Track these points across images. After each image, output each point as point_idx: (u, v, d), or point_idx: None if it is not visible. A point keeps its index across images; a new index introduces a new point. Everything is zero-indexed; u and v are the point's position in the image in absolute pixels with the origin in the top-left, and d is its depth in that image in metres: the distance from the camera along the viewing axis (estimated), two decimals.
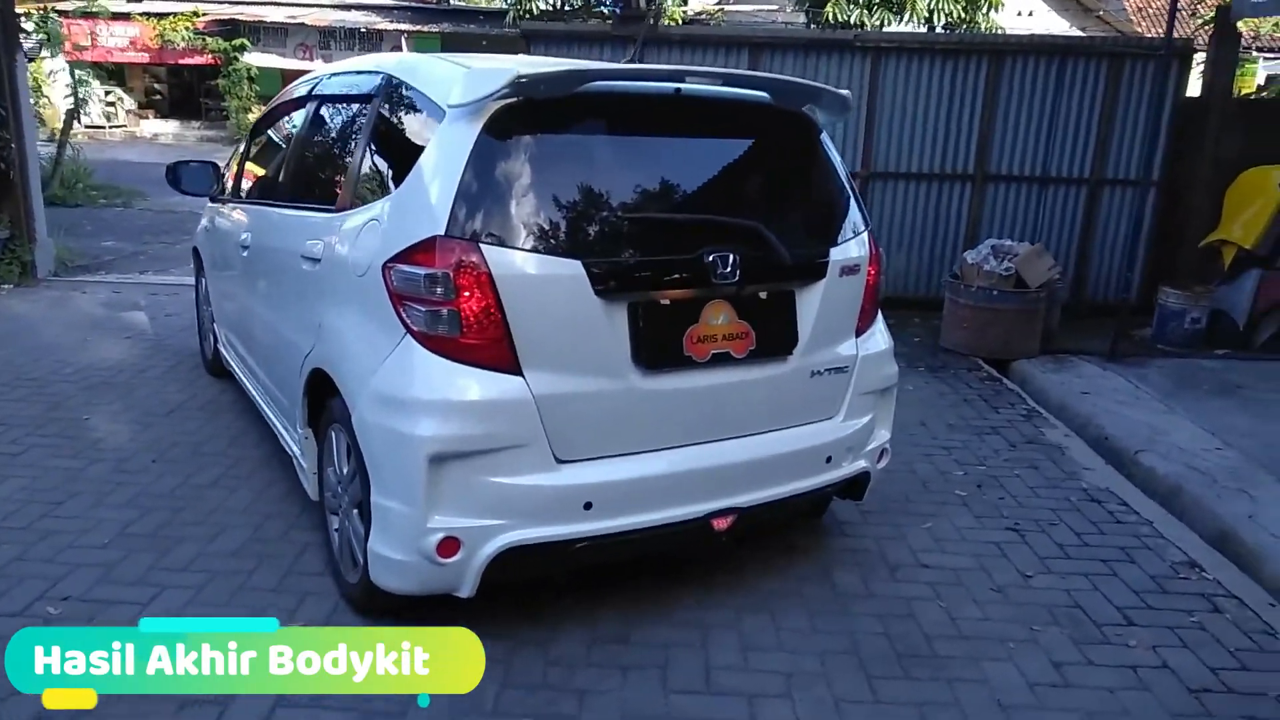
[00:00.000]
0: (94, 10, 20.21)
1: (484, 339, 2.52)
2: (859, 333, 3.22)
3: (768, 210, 3.01)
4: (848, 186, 3.25)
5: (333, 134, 3.55)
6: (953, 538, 3.75)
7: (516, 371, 2.55)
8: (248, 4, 24.90)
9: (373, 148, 3.05)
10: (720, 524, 2.89)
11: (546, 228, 2.58)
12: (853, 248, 3.14)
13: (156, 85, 27.54)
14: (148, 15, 24.17)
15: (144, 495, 3.80)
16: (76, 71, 21.18)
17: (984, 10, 18.01)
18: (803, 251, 3.01)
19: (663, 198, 2.81)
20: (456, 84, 2.62)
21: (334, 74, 3.80)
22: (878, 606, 3.21)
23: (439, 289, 2.49)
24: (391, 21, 24.43)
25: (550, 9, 19.33)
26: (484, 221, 2.53)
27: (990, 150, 7.52)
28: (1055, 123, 7.44)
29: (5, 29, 7.40)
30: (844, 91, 3.14)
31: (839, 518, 3.87)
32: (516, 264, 2.52)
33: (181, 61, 25.10)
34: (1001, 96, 7.41)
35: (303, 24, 24.10)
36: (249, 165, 4.51)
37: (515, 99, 2.61)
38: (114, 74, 26.25)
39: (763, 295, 2.91)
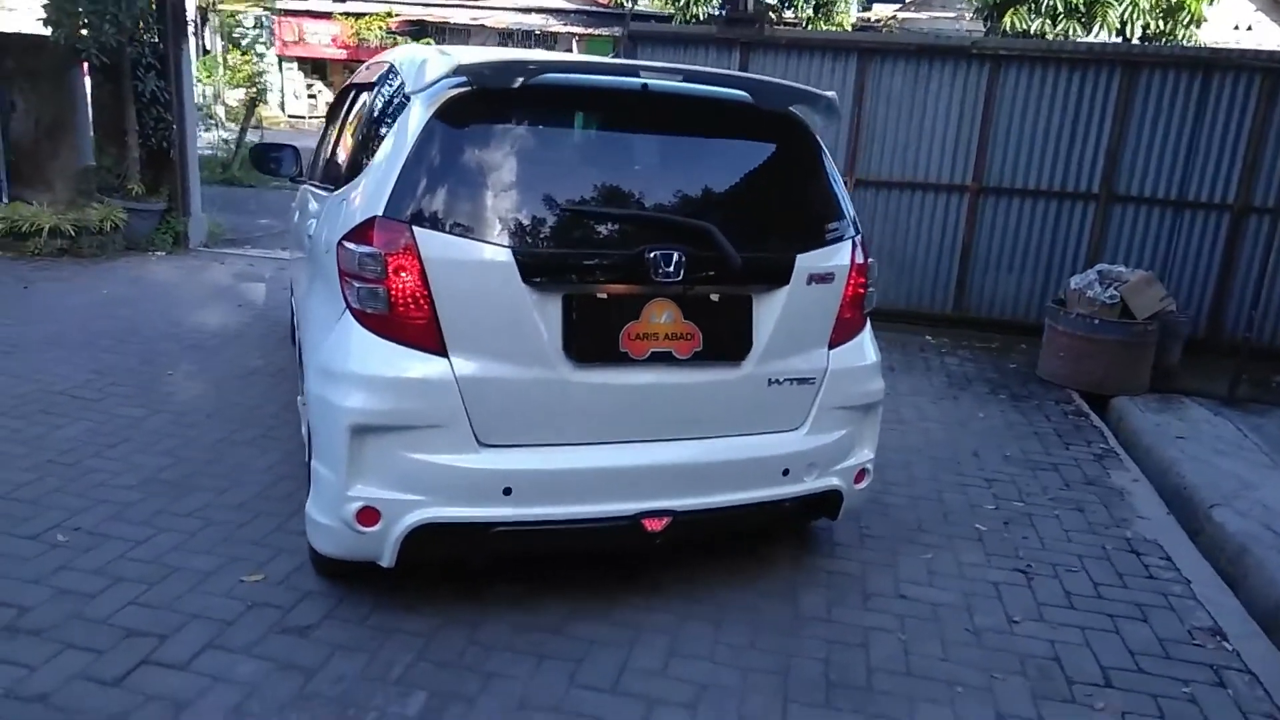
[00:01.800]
0: (273, 8, 22.07)
1: (411, 319, 2.60)
2: (834, 344, 3.08)
3: (730, 212, 2.93)
4: (835, 191, 3.11)
5: (350, 119, 3.75)
6: (950, 572, 3.51)
7: (442, 353, 2.62)
8: (435, 5, 26.36)
9: (365, 131, 3.21)
10: (653, 525, 2.85)
11: (483, 215, 2.63)
12: (827, 255, 3.01)
13: None
14: (347, 15, 26.05)
15: (186, 446, 4.14)
16: (262, 63, 23.04)
17: (1184, 22, 16.57)
18: (763, 256, 2.91)
19: (614, 193, 2.79)
20: (417, 71, 2.72)
21: (369, 63, 4.01)
22: (832, 632, 3.06)
23: (372, 268, 2.59)
24: (565, 24, 25.19)
25: (713, 13, 19.40)
26: (423, 205, 2.61)
27: (1119, 169, 6.96)
28: (1196, 142, 6.80)
29: (176, 21, 8.21)
30: (829, 93, 3.01)
31: (836, 538, 3.71)
32: (447, 248, 2.59)
33: None
34: (1135, 111, 6.84)
35: (483, 25, 25.26)
36: (318, 147, 4.82)
37: (470, 87, 2.68)
38: (318, 68, 28.51)
39: (714, 297, 2.84)
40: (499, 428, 2.70)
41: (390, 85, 3.13)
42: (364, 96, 3.68)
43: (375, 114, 3.19)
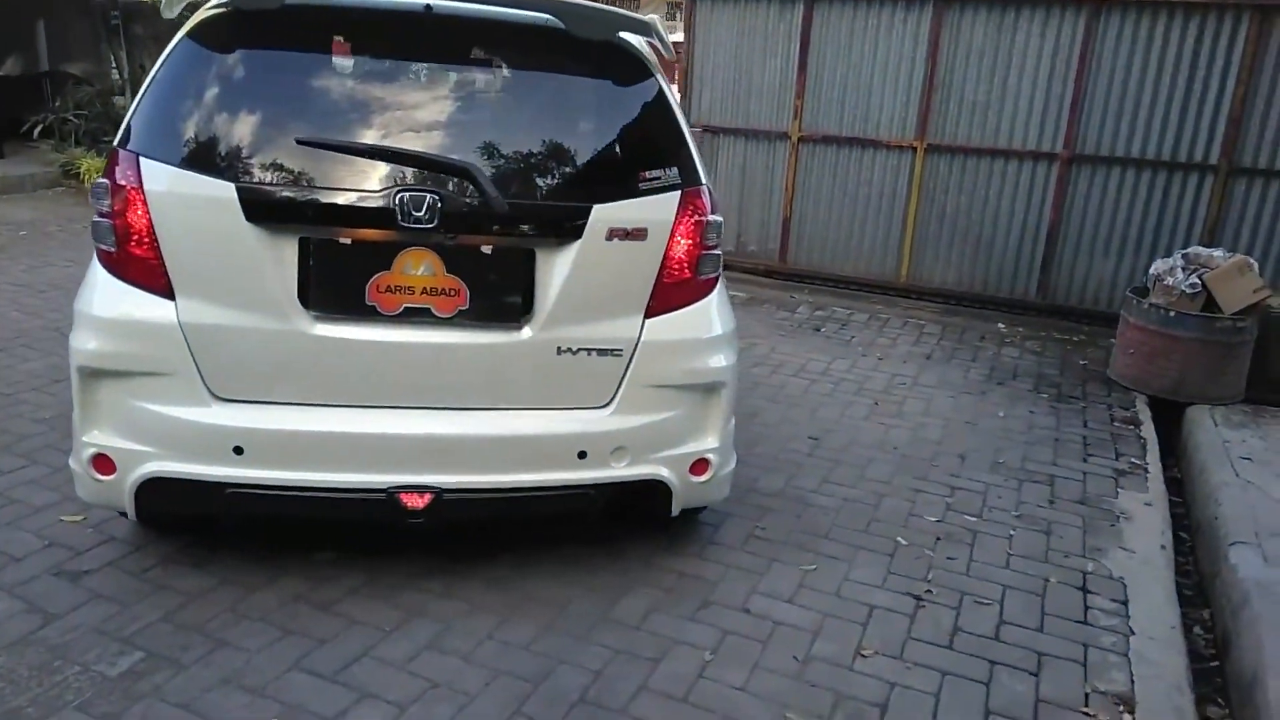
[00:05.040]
0: None
1: (134, 256, 2.44)
2: (653, 312, 2.65)
3: (518, 154, 2.55)
4: (668, 136, 2.66)
5: None
6: (825, 589, 3.00)
7: (168, 295, 2.44)
8: None
9: None
10: (413, 501, 2.56)
11: (214, 147, 2.43)
12: (641, 208, 2.57)
13: None
14: None
15: None
16: None
17: None
18: (548, 204, 2.53)
19: (373, 128, 2.49)
20: None
21: None
22: (629, 642, 2.66)
23: (105, 202, 2.45)
24: None
25: None
26: (157, 134, 2.45)
27: (1245, 137, 5.82)
28: None
29: None
30: (648, 17, 2.57)
31: (716, 537, 3.27)
32: (170, 181, 2.40)
33: None
34: (1267, 67, 5.68)
35: None
36: None
37: (223, 9, 2.47)
38: None
39: (486, 250, 2.50)
40: (232, 381, 2.49)
41: None
42: None
43: None
